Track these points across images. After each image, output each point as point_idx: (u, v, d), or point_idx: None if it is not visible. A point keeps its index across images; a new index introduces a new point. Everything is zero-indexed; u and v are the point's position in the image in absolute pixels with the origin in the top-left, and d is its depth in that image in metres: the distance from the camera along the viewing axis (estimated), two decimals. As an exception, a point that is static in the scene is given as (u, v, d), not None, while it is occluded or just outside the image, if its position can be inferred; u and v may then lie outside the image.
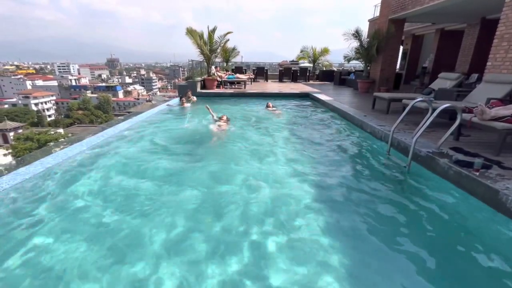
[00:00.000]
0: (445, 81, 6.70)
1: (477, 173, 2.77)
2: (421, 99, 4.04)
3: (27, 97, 58.91)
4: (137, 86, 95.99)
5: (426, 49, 14.92)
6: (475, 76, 7.69)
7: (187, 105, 8.09)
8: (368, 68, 10.58)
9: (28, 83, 74.26)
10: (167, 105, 7.99)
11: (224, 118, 5.85)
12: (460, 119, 3.32)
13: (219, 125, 5.57)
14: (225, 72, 12.44)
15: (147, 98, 71.57)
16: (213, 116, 5.98)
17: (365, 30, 10.69)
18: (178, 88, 10.02)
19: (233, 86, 11.51)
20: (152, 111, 7.15)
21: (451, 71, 8.13)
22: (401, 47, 14.90)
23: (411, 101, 4.09)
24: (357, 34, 10.20)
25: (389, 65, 10.14)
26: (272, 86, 12.48)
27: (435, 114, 3.28)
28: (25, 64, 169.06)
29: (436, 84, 6.78)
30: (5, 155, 22.94)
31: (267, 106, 7.77)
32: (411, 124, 4.83)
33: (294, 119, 6.73)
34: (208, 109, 6.26)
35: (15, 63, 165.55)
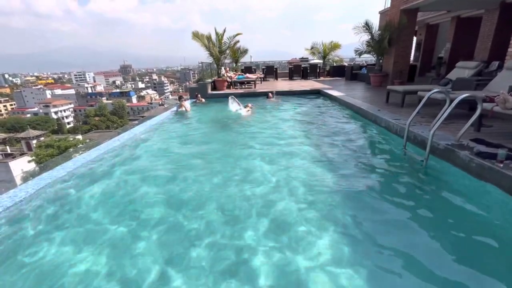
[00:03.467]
0: (463, 70, 6.43)
1: (501, 165, 2.64)
2: (437, 90, 3.89)
3: (47, 106, 61.65)
4: (150, 91, 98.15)
5: (442, 39, 14.34)
6: (495, 63, 7.30)
7: (185, 108, 7.63)
8: (381, 61, 10.31)
9: (48, 93, 77.79)
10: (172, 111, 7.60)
11: (249, 106, 7.23)
12: (480, 109, 3.18)
13: (247, 111, 7.02)
14: (234, 72, 12.50)
15: (160, 102, 72.98)
16: (239, 105, 7.35)
17: (375, 23, 10.42)
18: (189, 91, 10.18)
19: (243, 86, 11.54)
20: (160, 116, 7.05)
21: (470, 60, 7.79)
22: (415, 38, 14.41)
23: (427, 93, 3.95)
24: (367, 27, 9.96)
25: (402, 57, 9.83)
26: (282, 84, 12.42)
27: (453, 105, 3.15)
28: (44, 74, 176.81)
29: (454, 74, 6.52)
30: (29, 161, 24.09)
31: (268, 97, 9.09)
32: (427, 117, 4.67)
33: (305, 115, 6.67)
34: (234, 99, 7.63)
35: (35, 74, 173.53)
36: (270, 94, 9.27)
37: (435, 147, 3.44)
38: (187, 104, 7.86)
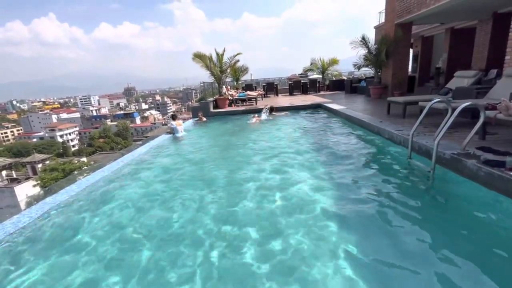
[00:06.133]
0: (462, 79, 6.49)
1: (511, 173, 2.58)
2: (438, 99, 3.90)
3: (53, 130, 62.84)
4: (153, 111, 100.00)
5: (438, 49, 14.62)
6: (494, 71, 7.37)
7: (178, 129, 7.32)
8: (379, 73, 10.46)
9: (54, 117, 79.58)
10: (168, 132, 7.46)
11: (256, 116, 8.67)
12: (483, 117, 3.16)
13: (258, 120, 8.42)
14: (235, 90, 12.73)
15: (163, 122, 74.03)
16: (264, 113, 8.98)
17: (371, 37, 10.69)
18: (191, 110, 10.34)
19: (244, 104, 11.70)
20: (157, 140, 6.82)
21: (467, 69, 7.88)
22: (411, 50, 14.69)
23: (428, 103, 3.95)
24: (364, 41, 10.21)
25: (400, 69, 9.98)
26: (283, 100, 12.57)
27: (455, 113, 3.14)
28: (50, 99, 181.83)
29: (453, 84, 6.57)
30: (34, 186, 24.19)
31: (270, 111, 9.37)
32: (430, 127, 4.65)
33: (307, 130, 6.67)
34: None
35: (42, 99, 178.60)
36: (271, 107, 9.36)
37: (441, 156, 3.39)
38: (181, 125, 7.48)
